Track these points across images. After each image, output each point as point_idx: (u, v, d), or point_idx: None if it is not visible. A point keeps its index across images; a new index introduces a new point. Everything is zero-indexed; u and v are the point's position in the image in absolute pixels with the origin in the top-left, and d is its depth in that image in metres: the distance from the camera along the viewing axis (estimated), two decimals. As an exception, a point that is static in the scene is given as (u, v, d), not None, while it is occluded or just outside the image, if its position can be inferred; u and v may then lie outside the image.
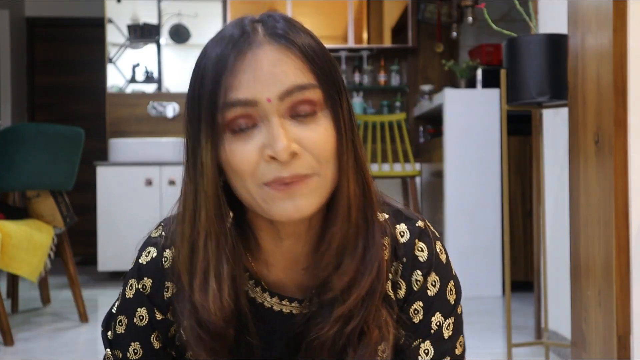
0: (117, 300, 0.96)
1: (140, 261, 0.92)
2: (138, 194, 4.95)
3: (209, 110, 0.80)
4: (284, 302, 0.91)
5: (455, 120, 4.26)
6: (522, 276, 4.21)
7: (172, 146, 5.19)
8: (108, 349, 0.96)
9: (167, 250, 0.91)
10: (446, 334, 0.92)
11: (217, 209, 0.83)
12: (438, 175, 4.58)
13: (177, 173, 4.95)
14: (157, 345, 0.93)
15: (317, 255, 0.86)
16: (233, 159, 0.80)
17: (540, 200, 2.78)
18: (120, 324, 0.93)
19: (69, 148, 3.49)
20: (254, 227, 0.89)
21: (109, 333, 0.96)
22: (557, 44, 2.43)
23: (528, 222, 4.22)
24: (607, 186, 1.90)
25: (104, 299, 4.35)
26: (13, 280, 3.87)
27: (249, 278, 0.91)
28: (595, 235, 1.98)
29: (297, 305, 0.91)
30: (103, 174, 4.97)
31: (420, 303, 0.90)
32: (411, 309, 0.90)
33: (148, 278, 0.91)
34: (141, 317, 0.92)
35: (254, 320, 0.89)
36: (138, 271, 0.92)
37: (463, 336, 0.95)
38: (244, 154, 0.80)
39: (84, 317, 3.55)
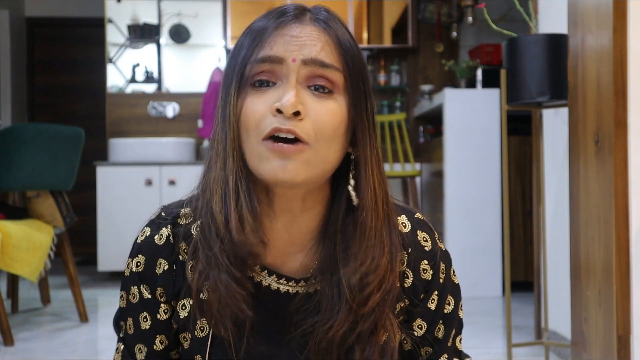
0: None
1: (137, 241, 0.97)
2: (138, 194, 4.95)
3: (242, 64, 0.88)
4: (281, 281, 0.94)
5: (455, 120, 4.26)
6: (522, 276, 4.21)
7: (172, 146, 5.19)
8: (118, 325, 1.00)
9: (164, 229, 0.95)
10: (456, 311, 1.00)
11: (243, 156, 0.88)
12: (438, 175, 4.58)
13: (177, 173, 4.95)
14: (144, 326, 0.96)
15: (344, 235, 0.89)
16: (245, 110, 0.87)
17: (540, 200, 2.78)
18: (122, 298, 0.98)
19: (69, 148, 3.49)
20: None
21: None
22: (557, 44, 2.43)
23: (528, 222, 4.22)
24: (607, 186, 1.90)
25: (104, 299, 4.35)
26: (13, 280, 3.87)
27: None
28: (595, 235, 1.98)
29: (294, 285, 0.93)
30: (103, 174, 4.97)
31: (436, 292, 0.97)
32: (429, 300, 0.96)
33: (142, 255, 0.96)
34: (134, 295, 0.96)
35: (253, 301, 0.91)
36: (135, 250, 0.97)
37: (462, 309, 1.02)
38: (254, 106, 0.86)
39: (84, 317, 3.55)
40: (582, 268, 2.07)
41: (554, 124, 2.89)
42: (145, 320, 0.95)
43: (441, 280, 0.96)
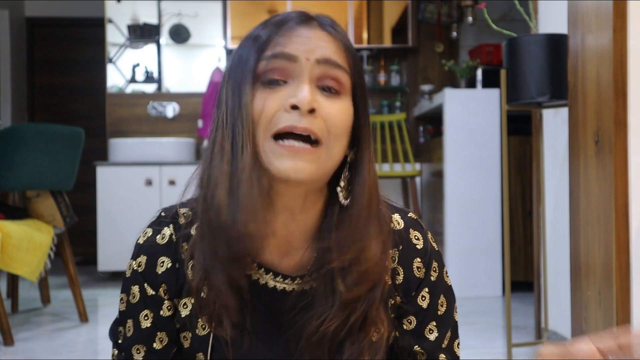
0: None
1: (138, 242, 0.98)
2: (138, 194, 4.95)
3: (255, 58, 0.88)
4: (277, 279, 0.95)
5: (455, 120, 4.26)
6: (522, 276, 4.21)
7: (172, 146, 5.20)
8: (119, 328, 1.00)
9: (166, 228, 0.96)
10: (451, 313, 1.01)
11: (256, 146, 0.87)
12: (438, 175, 4.58)
13: (177, 173, 4.95)
14: (145, 324, 0.96)
15: (338, 231, 0.90)
16: (255, 106, 0.86)
17: (540, 200, 2.78)
18: (122, 301, 0.99)
19: (69, 148, 3.49)
20: None
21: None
22: (557, 44, 2.43)
23: (528, 222, 4.22)
24: (607, 186, 1.90)
25: (104, 299, 4.35)
26: (13, 280, 3.87)
27: None
28: (595, 235, 1.98)
29: (290, 282, 0.95)
30: (103, 174, 4.97)
31: (427, 289, 0.98)
32: (419, 297, 0.98)
33: (143, 255, 0.97)
34: (134, 295, 0.97)
35: (252, 301, 0.93)
36: (136, 251, 0.98)
37: (456, 312, 1.03)
38: (265, 102, 0.86)
39: (84, 317, 3.55)
40: (582, 268, 2.07)
41: (554, 124, 2.89)
42: (146, 318, 0.96)
43: (432, 278, 0.98)
